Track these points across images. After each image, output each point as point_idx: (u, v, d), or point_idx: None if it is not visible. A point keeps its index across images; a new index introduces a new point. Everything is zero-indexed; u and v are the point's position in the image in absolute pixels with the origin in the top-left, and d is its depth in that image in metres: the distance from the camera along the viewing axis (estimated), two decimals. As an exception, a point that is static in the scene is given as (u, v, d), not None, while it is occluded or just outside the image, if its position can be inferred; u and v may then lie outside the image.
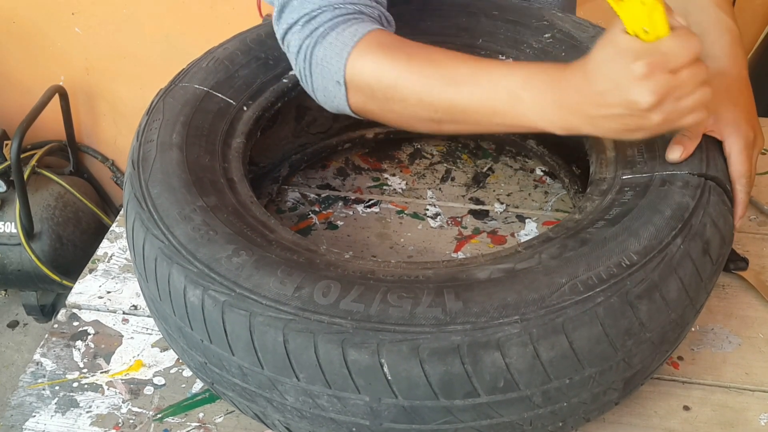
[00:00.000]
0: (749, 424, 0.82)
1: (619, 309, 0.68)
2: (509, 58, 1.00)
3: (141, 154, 0.83)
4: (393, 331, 0.65)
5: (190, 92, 0.92)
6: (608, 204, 0.79)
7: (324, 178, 1.14)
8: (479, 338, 0.65)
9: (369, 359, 0.64)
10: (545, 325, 0.66)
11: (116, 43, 2.00)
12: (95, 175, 2.33)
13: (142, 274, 0.77)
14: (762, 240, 1.03)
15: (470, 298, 0.67)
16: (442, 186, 1.12)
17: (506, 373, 0.65)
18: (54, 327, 0.93)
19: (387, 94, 0.80)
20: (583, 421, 0.75)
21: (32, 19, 2.00)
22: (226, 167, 0.85)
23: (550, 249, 0.73)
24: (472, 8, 1.05)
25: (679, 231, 0.73)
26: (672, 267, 0.71)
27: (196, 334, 0.71)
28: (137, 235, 0.77)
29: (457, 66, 0.78)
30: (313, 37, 0.83)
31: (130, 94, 2.10)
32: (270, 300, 0.67)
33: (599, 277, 0.69)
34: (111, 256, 1.03)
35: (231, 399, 0.76)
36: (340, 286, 0.68)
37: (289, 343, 0.66)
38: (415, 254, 1.01)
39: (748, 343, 0.91)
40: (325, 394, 0.67)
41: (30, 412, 0.83)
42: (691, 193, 0.77)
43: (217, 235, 0.73)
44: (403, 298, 0.67)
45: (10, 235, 1.98)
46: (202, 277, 0.70)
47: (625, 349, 0.69)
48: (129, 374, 0.87)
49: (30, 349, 2.10)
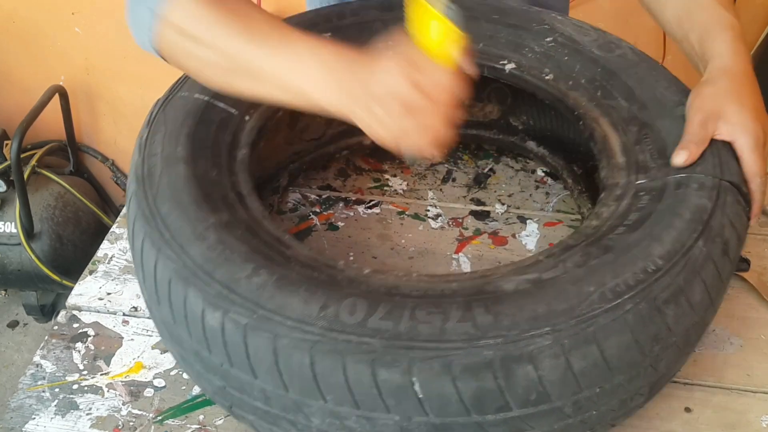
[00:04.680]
0: (750, 426, 0.82)
1: (647, 315, 0.67)
2: (511, 63, 0.98)
3: (145, 169, 0.81)
4: (424, 349, 0.64)
5: (190, 102, 0.89)
6: (625, 209, 0.78)
7: (325, 179, 1.13)
8: (512, 352, 0.64)
9: (400, 378, 0.63)
10: (576, 336, 0.65)
11: (116, 43, 1.98)
12: (95, 175, 2.32)
13: (153, 296, 0.74)
14: (764, 241, 1.03)
15: (500, 311, 0.66)
16: (443, 187, 1.11)
17: (538, 385, 0.64)
18: (54, 329, 0.92)
19: (197, 37, 0.79)
20: (609, 427, 0.75)
21: (32, 19, 1.99)
22: (234, 181, 0.82)
23: (573, 257, 0.72)
24: (472, 12, 1.03)
25: (700, 234, 0.73)
26: (696, 270, 0.71)
27: (214, 358, 0.69)
28: (148, 255, 0.74)
29: (270, 31, 0.78)
30: None
31: (130, 94, 2.09)
32: (295, 321, 0.66)
33: (627, 284, 0.68)
34: (111, 258, 1.01)
35: (251, 422, 0.74)
36: (367, 304, 0.66)
37: (316, 365, 0.64)
38: (416, 255, 1.00)
39: (749, 344, 0.90)
40: (353, 415, 0.66)
41: (30, 415, 0.83)
42: (707, 195, 0.77)
43: (234, 253, 0.71)
44: (433, 314, 0.66)
45: (10, 235, 1.97)
46: (222, 298, 0.68)
47: (653, 355, 0.69)
48: (129, 376, 0.87)
49: (30, 349, 2.10)
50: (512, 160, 1.16)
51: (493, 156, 1.16)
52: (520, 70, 0.98)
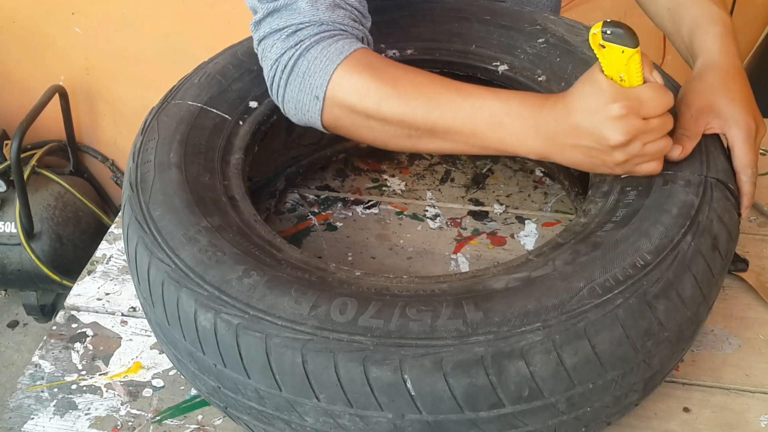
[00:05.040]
0: (749, 426, 0.81)
1: (638, 310, 0.67)
2: (504, 64, 0.99)
3: (139, 176, 0.81)
4: (414, 346, 0.64)
5: (184, 109, 0.90)
6: (612, 205, 0.78)
7: (323, 180, 1.14)
8: (503, 348, 0.64)
9: (391, 375, 0.63)
10: (567, 331, 0.65)
11: (116, 43, 2.00)
12: (95, 175, 2.33)
13: (148, 299, 0.75)
14: (762, 241, 1.03)
15: (490, 307, 0.66)
16: (442, 187, 1.11)
17: (531, 381, 0.64)
18: (53, 329, 0.93)
19: (369, 113, 0.81)
20: (604, 425, 0.75)
21: (32, 19, 2.00)
22: (226, 185, 0.83)
23: (562, 255, 0.72)
24: (464, 13, 1.04)
25: (688, 228, 0.73)
26: (685, 264, 0.71)
27: (208, 358, 0.70)
28: (141, 259, 0.75)
29: (441, 90, 0.80)
30: (298, 48, 0.83)
31: (130, 94, 2.10)
32: (286, 320, 0.66)
33: (616, 279, 0.68)
34: (110, 258, 1.02)
35: (246, 423, 0.74)
36: (357, 303, 0.67)
37: (308, 363, 0.64)
38: (415, 255, 1.00)
39: (748, 344, 0.90)
40: (346, 414, 0.66)
41: (28, 415, 0.83)
42: (694, 191, 0.77)
43: (225, 256, 0.72)
44: (423, 312, 0.66)
45: (10, 235, 1.99)
46: (213, 300, 0.68)
47: (645, 350, 0.69)
48: (128, 376, 0.87)
49: (30, 349, 2.11)
50: (510, 160, 1.16)
51: (491, 156, 1.16)
52: (513, 71, 0.99)
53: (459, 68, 1.02)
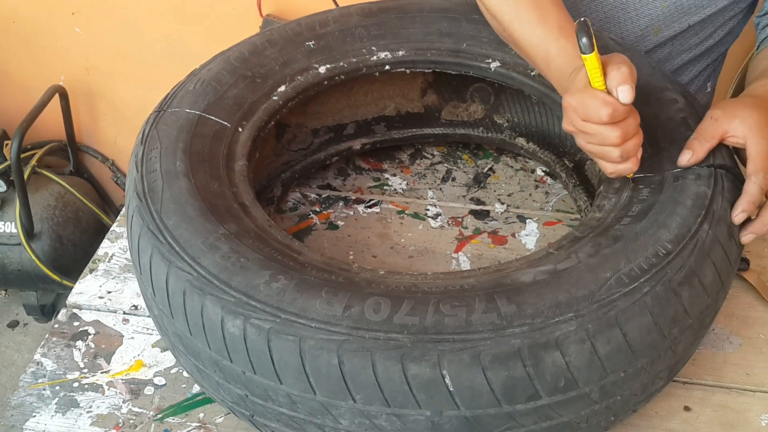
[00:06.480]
0: (750, 425, 0.82)
1: (664, 297, 0.68)
2: (495, 61, 1.00)
3: (146, 185, 0.80)
4: (452, 341, 0.63)
5: (182, 117, 0.88)
6: (627, 201, 0.80)
7: (324, 178, 1.13)
8: (538, 339, 0.64)
9: (430, 372, 0.63)
10: (599, 320, 0.66)
11: (116, 43, 1.98)
12: (95, 175, 2.31)
13: (166, 310, 0.73)
14: (763, 240, 1.04)
15: (522, 300, 0.66)
16: (443, 186, 1.12)
17: (566, 371, 0.64)
18: (54, 327, 0.92)
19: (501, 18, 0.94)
20: (631, 413, 0.75)
21: (32, 19, 1.98)
22: (235, 192, 0.82)
23: (584, 248, 0.73)
24: (451, 12, 1.05)
25: (704, 218, 0.75)
26: (705, 252, 0.73)
27: (236, 366, 0.68)
28: (157, 269, 0.73)
29: (533, 8, 0.89)
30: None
31: (130, 94, 2.08)
32: (319, 322, 0.65)
33: (641, 268, 0.70)
34: (111, 256, 1.01)
35: (273, 430, 0.73)
36: (390, 302, 0.66)
37: (344, 364, 0.63)
38: (416, 254, 1.00)
39: (748, 343, 0.91)
40: (383, 414, 0.65)
41: (30, 412, 0.82)
42: (705, 182, 0.79)
43: (249, 261, 0.70)
44: (456, 307, 0.66)
45: (10, 235, 1.97)
46: (242, 305, 0.67)
47: (672, 337, 0.70)
48: (129, 374, 0.87)
49: (30, 349, 2.09)
50: (512, 159, 1.17)
51: (492, 155, 1.17)
52: (506, 67, 1.00)
53: (451, 67, 1.03)
